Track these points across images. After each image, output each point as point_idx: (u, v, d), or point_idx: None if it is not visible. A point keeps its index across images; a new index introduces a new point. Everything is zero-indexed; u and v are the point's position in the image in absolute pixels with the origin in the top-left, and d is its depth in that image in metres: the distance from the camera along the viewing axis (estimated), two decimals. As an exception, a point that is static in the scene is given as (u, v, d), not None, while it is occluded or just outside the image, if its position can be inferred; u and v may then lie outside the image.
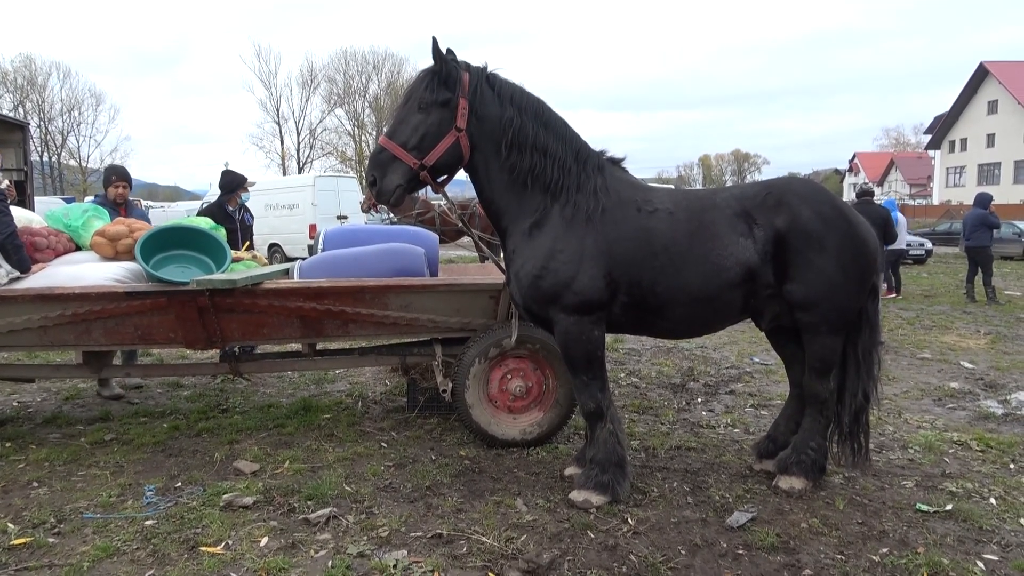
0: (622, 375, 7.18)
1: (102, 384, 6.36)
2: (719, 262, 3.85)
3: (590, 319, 3.90)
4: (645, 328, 4.17)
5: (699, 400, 6.31)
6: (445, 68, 3.79)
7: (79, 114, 56.12)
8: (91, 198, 7.34)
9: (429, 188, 4.15)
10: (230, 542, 3.54)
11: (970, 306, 12.45)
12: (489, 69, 3.96)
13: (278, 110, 58.89)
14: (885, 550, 3.49)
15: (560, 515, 3.85)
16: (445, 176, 4.03)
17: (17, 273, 4.76)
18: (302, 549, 3.48)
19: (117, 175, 6.65)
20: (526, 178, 3.91)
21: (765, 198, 3.95)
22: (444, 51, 3.81)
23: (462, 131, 3.81)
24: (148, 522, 3.75)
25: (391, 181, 3.81)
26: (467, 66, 3.89)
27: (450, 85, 3.78)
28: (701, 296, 3.88)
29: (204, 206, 8.33)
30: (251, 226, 7.82)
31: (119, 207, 6.49)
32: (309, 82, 59.66)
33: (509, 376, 4.90)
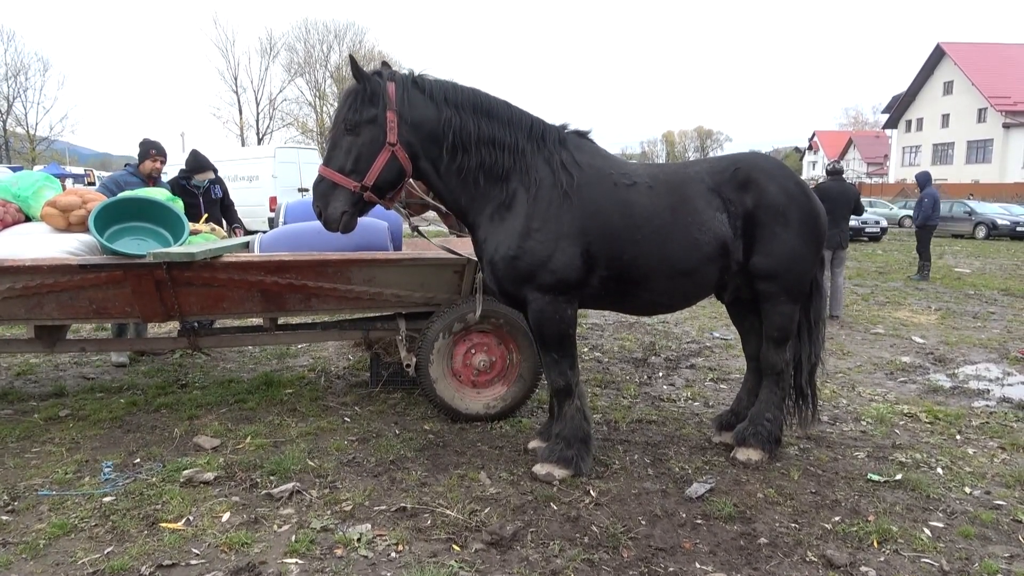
0: (585, 350, 7.24)
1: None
2: (699, 236, 3.91)
3: (564, 298, 3.89)
4: (627, 301, 4.15)
5: (660, 374, 6.41)
6: (368, 85, 3.66)
7: (25, 79, 53.75)
8: (120, 171, 6.99)
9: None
10: (191, 518, 3.50)
11: (922, 283, 12.82)
12: (417, 73, 3.83)
13: (236, 79, 57.30)
14: (837, 518, 3.61)
15: (523, 488, 3.89)
16: (392, 192, 3.89)
17: None
18: (265, 524, 3.46)
19: (156, 149, 6.65)
20: (477, 175, 3.83)
21: (734, 173, 4.03)
22: (376, 67, 3.74)
23: (396, 145, 3.70)
24: (106, 499, 3.69)
25: (335, 209, 3.69)
26: (392, 75, 3.76)
27: (375, 100, 3.66)
28: (682, 269, 3.93)
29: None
30: (220, 199, 7.53)
31: (150, 181, 6.54)
32: (268, 51, 58.13)
33: (473, 351, 4.91)
